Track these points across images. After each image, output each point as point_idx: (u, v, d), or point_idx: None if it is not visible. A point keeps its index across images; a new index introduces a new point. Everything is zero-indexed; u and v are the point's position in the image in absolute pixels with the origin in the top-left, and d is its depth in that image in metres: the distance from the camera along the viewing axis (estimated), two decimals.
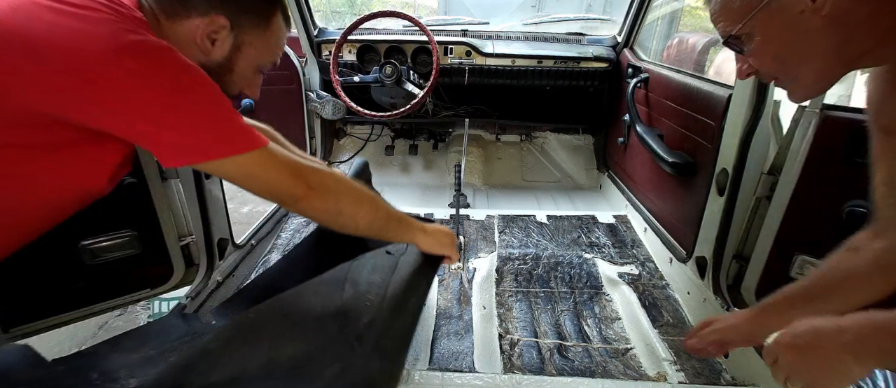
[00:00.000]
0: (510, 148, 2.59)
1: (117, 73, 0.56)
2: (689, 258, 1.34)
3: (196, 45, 0.68)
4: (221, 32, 0.69)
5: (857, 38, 0.53)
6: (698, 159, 1.34)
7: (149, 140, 0.61)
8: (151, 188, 1.10)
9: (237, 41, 0.71)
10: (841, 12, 0.51)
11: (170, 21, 0.67)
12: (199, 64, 0.67)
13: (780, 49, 0.57)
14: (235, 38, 0.71)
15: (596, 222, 1.85)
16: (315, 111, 2.18)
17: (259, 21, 0.72)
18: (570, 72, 2.12)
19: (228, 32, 0.70)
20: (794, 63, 0.58)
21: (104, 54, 0.56)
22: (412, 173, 2.56)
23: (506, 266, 1.52)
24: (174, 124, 0.60)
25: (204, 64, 0.69)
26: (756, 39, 0.57)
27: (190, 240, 1.24)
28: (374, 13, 1.93)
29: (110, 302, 1.12)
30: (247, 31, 0.71)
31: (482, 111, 2.42)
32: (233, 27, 0.70)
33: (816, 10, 0.51)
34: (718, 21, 0.60)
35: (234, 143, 0.65)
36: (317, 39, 2.18)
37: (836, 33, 0.52)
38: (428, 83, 1.90)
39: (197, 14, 0.67)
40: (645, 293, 1.39)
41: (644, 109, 1.76)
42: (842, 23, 0.51)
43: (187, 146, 0.63)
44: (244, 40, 0.72)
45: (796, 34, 0.54)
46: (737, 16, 0.57)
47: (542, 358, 1.14)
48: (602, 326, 1.27)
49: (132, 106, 0.58)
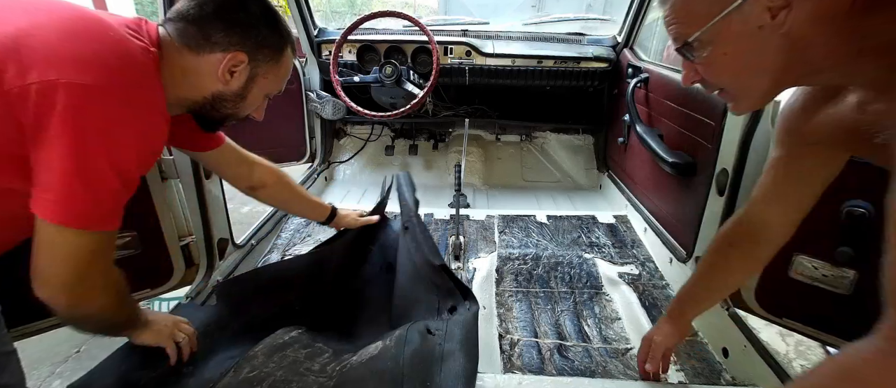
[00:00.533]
0: (510, 148, 2.59)
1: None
2: (689, 258, 1.34)
3: (217, 76, 0.76)
4: (240, 66, 0.77)
5: (811, 60, 0.53)
6: (698, 159, 1.34)
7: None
8: (151, 188, 1.10)
9: (252, 73, 0.79)
10: (799, 33, 0.51)
11: (193, 53, 0.74)
12: (218, 92, 0.78)
13: (734, 61, 0.56)
14: (251, 70, 0.79)
15: (596, 222, 1.85)
16: (315, 111, 2.18)
17: (272, 54, 0.80)
18: (570, 72, 2.12)
19: (246, 66, 0.77)
20: (746, 76, 0.57)
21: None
22: (412, 173, 2.54)
23: (506, 266, 1.52)
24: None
25: (221, 93, 0.78)
26: (711, 48, 0.55)
27: (190, 240, 1.24)
28: (374, 13, 1.93)
29: None
30: (261, 64, 0.79)
31: (482, 111, 2.42)
32: (250, 61, 0.77)
33: (776, 27, 0.51)
34: (673, 23, 0.58)
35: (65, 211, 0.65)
36: (317, 39, 2.18)
37: (792, 52, 0.52)
38: (428, 83, 1.90)
39: (219, 49, 0.74)
40: (645, 293, 1.39)
41: (644, 109, 1.76)
42: (798, 43, 0.51)
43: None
44: (258, 72, 0.80)
45: (753, 48, 0.53)
46: (695, 21, 0.55)
47: (542, 358, 1.14)
48: (602, 326, 1.27)
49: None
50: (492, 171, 2.51)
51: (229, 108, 0.82)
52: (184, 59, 0.74)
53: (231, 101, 0.80)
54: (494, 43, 2.20)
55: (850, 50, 0.50)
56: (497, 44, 2.20)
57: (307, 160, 2.34)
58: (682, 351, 1.16)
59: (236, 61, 0.75)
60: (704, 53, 0.56)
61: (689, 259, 1.34)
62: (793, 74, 0.56)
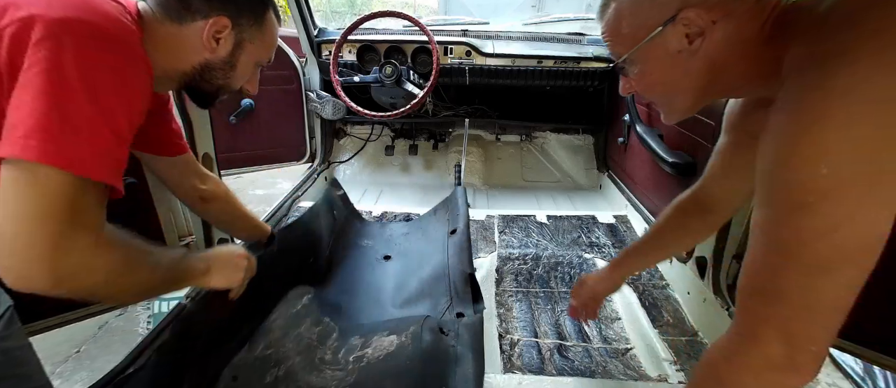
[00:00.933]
0: (510, 148, 2.59)
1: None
2: (689, 258, 1.34)
3: (202, 44, 0.75)
4: (224, 31, 0.76)
5: (727, 79, 0.59)
6: (698, 159, 1.34)
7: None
8: (151, 188, 1.10)
9: (238, 39, 0.78)
10: (715, 57, 0.56)
11: (175, 25, 0.73)
12: (206, 61, 0.76)
13: (659, 79, 0.62)
14: (236, 36, 0.78)
15: (596, 222, 1.85)
16: (315, 111, 2.18)
17: (255, 19, 0.80)
18: (570, 72, 2.12)
19: (230, 31, 0.77)
20: (670, 93, 0.64)
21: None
22: (412, 173, 2.56)
23: (506, 266, 1.52)
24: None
25: (209, 61, 0.77)
26: (639, 67, 0.62)
27: (190, 240, 1.24)
28: (373, 13, 1.93)
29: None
30: (245, 29, 0.79)
31: (482, 111, 2.42)
32: (234, 26, 0.77)
33: (693, 52, 0.56)
34: (607, 40, 0.64)
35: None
36: (317, 39, 2.18)
37: (710, 73, 0.58)
38: (428, 83, 1.90)
39: (200, 16, 0.73)
40: (645, 293, 1.39)
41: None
42: (715, 66, 0.57)
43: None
44: (244, 37, 0.79)
45: (673, 69, 0.59)
46: (624, 43, 0.61)
47: (542, 358, 1.14)
48: (602, 326, 1.27)
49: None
50: (492, 171, 2.51)
51: (220, 78, 0.80)
52: (167, 31, 0.73)
53: (220, 70, 0.79)
54: (494, 43, 2.20)
55: (761, 71, 0.55)
56: (497, 44, 2.20)
57: (307, 160, 2.34)
58: (681, 351, 1.16)
59: (220, 26, 0.74)
60: (635, 70, 0.62)
61: (688, 259, 1.34)
62: (713, 92, 0.62)
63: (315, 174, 2.32)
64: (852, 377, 1.52)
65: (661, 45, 0.58)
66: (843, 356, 1.53)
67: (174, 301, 1.55)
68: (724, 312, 1.17)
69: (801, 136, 0.44)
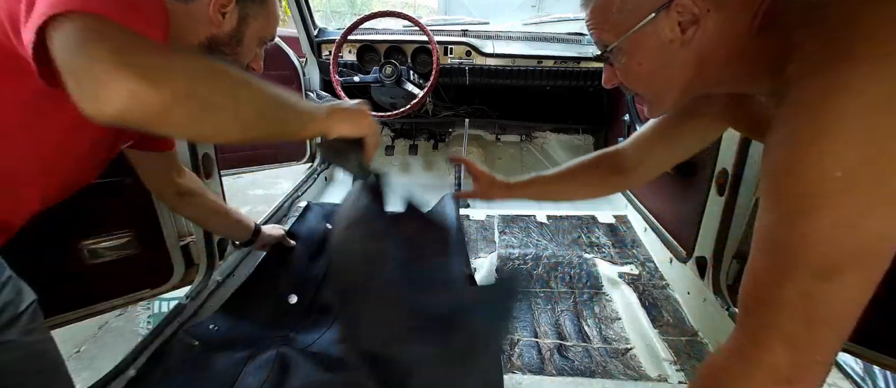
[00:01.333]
0: (510, 148, 2.59)
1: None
2: (689, 258, 1.34)
3: (209, 18, 0.75)
4: (229, 6, 0.77)
5: (715, 74, 0.57)
6: (698, 159, 1.34)
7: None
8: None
9: (242, 13, 0.80)
10: (704, 50, 0.55)
11: (181, 3, 0.73)
12: (212, 35, 0.77)
13: (646, 71, 0.59)
14: (241, 10, 0.79)
15: (596, 222, 1.85)
16: None
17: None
18: (570, 72, 2.12)
19: (235, 6, 0.78)
20: (658, 85, 0.61)
21: None
22: (412, 173, 2.56)
23: (506, 266, 1.52)
24: None
25: (216, 35, 0.78)
26: (627, 57, 0.59)
27: (190, 240, 1.24)
28: (373, 13, 1.93)
29: (110, 302, 1.12)
30: (248, 4, 0.80)
31: (482, 111, 2.42)
32: (238, 1, 0.78)
33: (684, 42, 0.55)
34: (593, 29, 0.61)
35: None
36: (317, 39, 2.18)
37: (698, 66, 0.56)
38: (428, 83, 1.90)
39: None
40: (645, 293, 1.39)
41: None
42: (704, 59, 0.56)
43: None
44: (249, 12, 0.80)
45: (663, 60, 0.57)
46: (612, 30, 0.58)
47: (542, 358, 1.14)
48: (602, 326, 1.27)
49: None
50: (492, 171, 2.49)
51: (228, 52, 0.81)
52: (174, 11, 0.72)
53: (228, 44, 0.80)
54: (494, 43, 2.20)
55: (750, 67, 0.54)
56: (497, 44, 2.20)
57: (307, 160, 2.34)
58: (681, 351, 1.16)
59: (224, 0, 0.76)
60: (622, 60, 0.60)
61: (689, 259, 1.34)
62: (699, 86, 0.60)
63: (315, 174, 2.32)
64: (852, 377, 1.52)
65: (653, 34, 0.55)
66: (844, 356, 1.53)
67: (174, 301, 1.56)
68: (725, 312, 1.17)
69: (814, 137, 0.42)
